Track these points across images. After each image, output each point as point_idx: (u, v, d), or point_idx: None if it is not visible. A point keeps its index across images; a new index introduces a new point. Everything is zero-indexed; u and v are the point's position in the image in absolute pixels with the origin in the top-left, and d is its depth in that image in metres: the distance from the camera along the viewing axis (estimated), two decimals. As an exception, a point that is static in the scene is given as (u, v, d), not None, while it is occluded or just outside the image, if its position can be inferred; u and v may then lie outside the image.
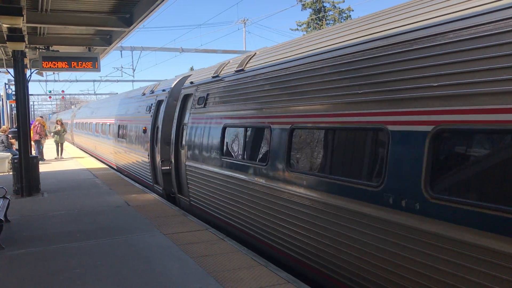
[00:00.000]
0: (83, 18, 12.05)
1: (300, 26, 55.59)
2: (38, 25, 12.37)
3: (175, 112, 11.01)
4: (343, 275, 5.49)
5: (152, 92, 13.76)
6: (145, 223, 9.21)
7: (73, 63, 13.89)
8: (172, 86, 12.24)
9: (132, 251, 7.34)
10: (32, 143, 19.88)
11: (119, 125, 18.61)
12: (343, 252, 5.40)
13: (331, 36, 6.37)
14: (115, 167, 19.85)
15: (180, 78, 12.25)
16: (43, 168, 17.38)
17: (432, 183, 4.24)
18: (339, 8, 54.35)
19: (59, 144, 24.48)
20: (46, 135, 24.27)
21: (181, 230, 8.60)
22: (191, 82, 10.67)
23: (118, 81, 47.83)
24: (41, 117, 27.04)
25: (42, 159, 22.59)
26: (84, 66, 13.98)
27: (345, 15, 54.04)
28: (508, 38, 3.67)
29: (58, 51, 14.45)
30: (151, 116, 12.88)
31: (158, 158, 12.39)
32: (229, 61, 9.28)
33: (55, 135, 24.55)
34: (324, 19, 54.10)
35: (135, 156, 15.19)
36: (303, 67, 6.57)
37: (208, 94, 9.53)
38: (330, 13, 54.76)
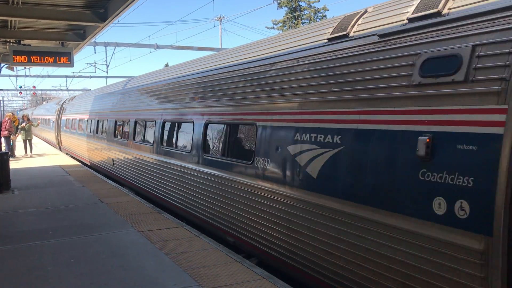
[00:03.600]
0: (56, 12, 11.81)
1: (276, 24, 55.78)
2: (9, 18, 12.06)
3: None
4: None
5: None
6: (119, 220, 9.13)
7: (46, 58, 13.61)
8: None
9: (106, 248, 7.28)
10: (2, 139, 19.40)
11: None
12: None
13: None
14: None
15: None
16: (13, 165, 17.00)
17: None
18: (315, 7, 54.74)
19: (27, 140, 23.96)
20: (16, 131, 23.67)
21: (156, 227, 8.56)
22: None
23: (91, 77, 47.23)
24: (12, 113, 26.42)
25: (13, 155, 22.09)
26: (56, 61, 13.70)
27: (321, 14, 54.45)
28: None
29: (30, 45, 14.13)
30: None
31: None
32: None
33: (22, 131, 23.98)
34: (299, 18, 54.39)
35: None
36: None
37: None
38: (306, 12, 55.08)
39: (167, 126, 10.94)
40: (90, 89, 42.86)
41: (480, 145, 3.82)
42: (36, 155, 23.92)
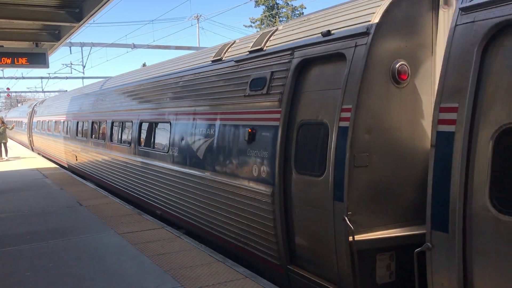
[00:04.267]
0: (30, 12, 11.56)
1: (253, 23, 55.72)
2: (-20, 19, 11.79)
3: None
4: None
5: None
6: (99, 222, 9.01)
7: (19, 59, 13.32)
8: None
9: (86, 251, 7.17)
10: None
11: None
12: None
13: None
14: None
15: None
16: (-12, 168, 16.62)
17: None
18: (292, 6, 54.89)
19: (1, 144, 23.40)
20: None
21: (137, 229, 8.48)
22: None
23: (67, 78, 46.36)
24: None
25: (-13, 159, 21.60)
26: (31, 62, 13.43)
27: (298, 12, 54.63)
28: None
29: (2, 46, 13.82)
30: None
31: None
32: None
33: None
34: (277, 16, 54.49)
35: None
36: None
37: None
38: (283, 10, 55.20)
39: (115, 125, 13.28)
40: (66, 90, 42.16)
41: (271, 132, 6.28)
42: (12, 158, 23.44)
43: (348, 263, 5.04)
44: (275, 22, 53.30)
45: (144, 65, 73.29)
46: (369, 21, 5.14)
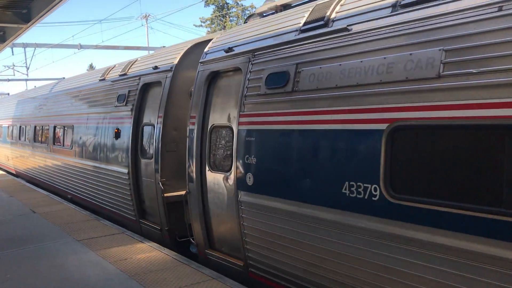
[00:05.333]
0: (-28, 12, 11.08)
1: (204, 22, 55.48)
2: None
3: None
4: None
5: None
6: (55, 230, 8.77)
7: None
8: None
9: (44, 260, 6.97)
10: None
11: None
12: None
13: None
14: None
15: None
16: None
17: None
18: (242, 5, 55.07)
19: None
20: None
21: (96, 235, 8.32)
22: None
23: (9, 80, 44.40)
24: None
25: None
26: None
27: (248, 12, 54.86)
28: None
29: None
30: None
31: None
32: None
33: None
34: (227, 16, 54.50)
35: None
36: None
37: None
38: (234, 10, 55.28)
39: (38, 129, 15.73)
40: (8, 94, 40.31)
41: (127, 131, 9.17)
42: (-47, 166, 22.26)
43: (163, 210, 8.03)
44: (226, 22, 53.31)
45: (91, 66, 71.30)
46: (173, 62, 8.19)
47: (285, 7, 6.63)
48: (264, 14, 7.01)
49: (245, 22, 7.55)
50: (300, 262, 5.12)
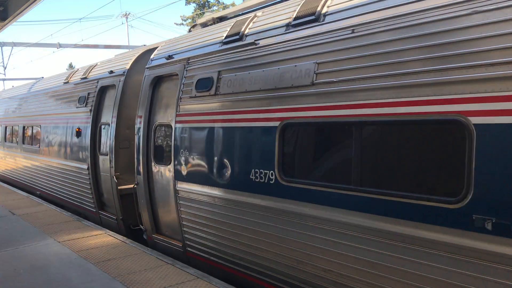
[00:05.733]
0: None
1: (185, 20, 55.18)
2: None
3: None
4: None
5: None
6: (36, 231, 8.61)
7: None
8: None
9: (25, 262, 6.83)
10: None
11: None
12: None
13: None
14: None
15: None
16: None
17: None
18: (223, 4, 54.91)
19: None
20: None
21: (78, 236, 8.20)
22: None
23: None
24: None
25: None
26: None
27: (230, 10, 54.64)
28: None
29: None
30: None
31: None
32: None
33: None
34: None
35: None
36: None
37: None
38: (215, 8, 55.09)
39: (8, 129, 16.58)
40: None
41: (87, 130, 9.96)
42: None
43: (117, 201, 8.94)
44: (207, 20, 53.03)
45: (70, 65, 70.32)
46: (126, 67, 9.10)
47: (221, 19, 7.56)
48: (205, 25, 7.83)
49: (189, 31, 8.34)
50: (224, 239, 6.07)
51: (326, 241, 4.74)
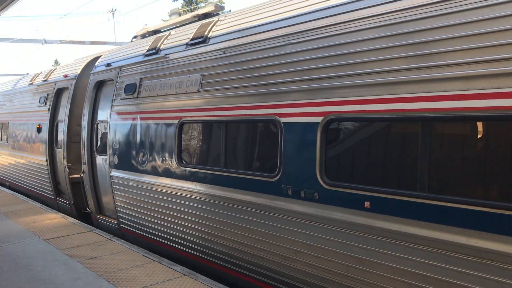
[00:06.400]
0: None
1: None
2: None
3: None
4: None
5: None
6: (20, 229, 8.51)
7: None
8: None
9: (9, 260, 6.74)
10: None
11: None
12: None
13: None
14: None
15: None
16: None
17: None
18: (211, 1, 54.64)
19: None
20: None
21: (63, 233, 8.12)
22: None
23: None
24: None
25: None
26: None
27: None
28: None
29: None
30: (49, 109, 11.38)
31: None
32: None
33: None
34: (196, 10, 53.97)
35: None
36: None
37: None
38: (202, 4, 54.82)
39: None
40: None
41: (46, 126, 11.34)
42: None
43: (69, 188, 10.27)
44: (194, 17, 52.75)
45: (56, 61, 69.55)
46: (77, 72, 10.62)
47: (155, 32, 8.91)
48: (143, 36, 9.17)
49: (131, 41, 9.62)
50: (147, 216, 7.42)
51: (229, 216, 5.87)
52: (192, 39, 6.88)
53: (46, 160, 11.18)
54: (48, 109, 11.32)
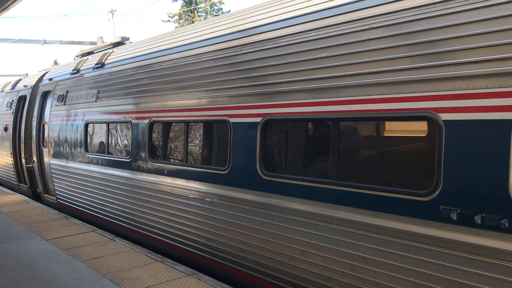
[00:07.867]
0: None
1: (171, 17, 54.82)
2: None
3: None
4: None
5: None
6: (22, 229, 8.50)
7: None
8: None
9: (11, 260, 6.74)
10: None
11: None
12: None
13: None
14: None
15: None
16: None
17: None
18: (210, 1, 54.62)
19: None
20: None
21: (65, 234, 8.11)
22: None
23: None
24: None
25: None
26: None
27: (217, 7, 54.47)
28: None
29: None
30: (13, 112, 14.01)
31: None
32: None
33: None
34: (195, 11, 53.98)
35: None
36: None
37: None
38: (202, 5, 54.79)
39: None
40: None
41: (11, 127, 14.03)
42: None
43: (26, 175, 12.83)
44: (194, 17, 52.81)
45: (55, 62, 69.47)
46: (32, 83, 13.00)
47: (89, 53, 11.17)
48: (82, 55, 11.46)
49: (74, 59, 11.92)
50: (72, 191, 9.96)
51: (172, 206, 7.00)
52: (96, 64, 9.52)
53: (11, 154, 13.70)
54: (12, 112, 13.94)
